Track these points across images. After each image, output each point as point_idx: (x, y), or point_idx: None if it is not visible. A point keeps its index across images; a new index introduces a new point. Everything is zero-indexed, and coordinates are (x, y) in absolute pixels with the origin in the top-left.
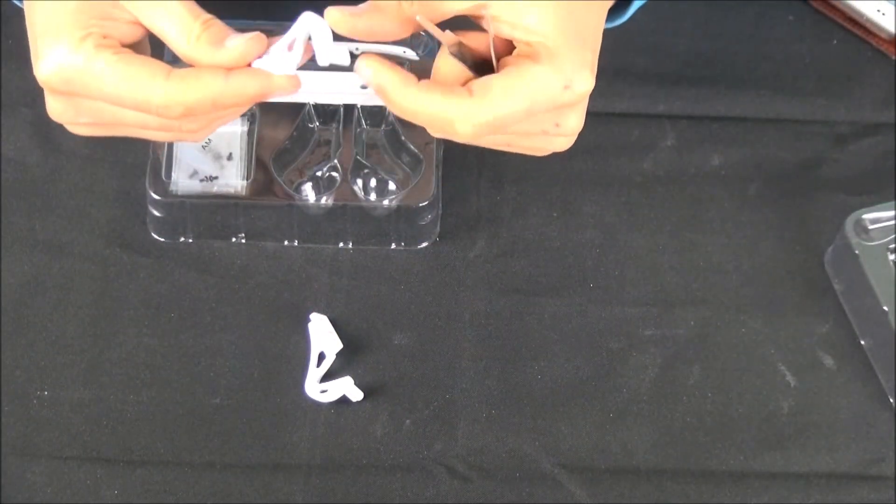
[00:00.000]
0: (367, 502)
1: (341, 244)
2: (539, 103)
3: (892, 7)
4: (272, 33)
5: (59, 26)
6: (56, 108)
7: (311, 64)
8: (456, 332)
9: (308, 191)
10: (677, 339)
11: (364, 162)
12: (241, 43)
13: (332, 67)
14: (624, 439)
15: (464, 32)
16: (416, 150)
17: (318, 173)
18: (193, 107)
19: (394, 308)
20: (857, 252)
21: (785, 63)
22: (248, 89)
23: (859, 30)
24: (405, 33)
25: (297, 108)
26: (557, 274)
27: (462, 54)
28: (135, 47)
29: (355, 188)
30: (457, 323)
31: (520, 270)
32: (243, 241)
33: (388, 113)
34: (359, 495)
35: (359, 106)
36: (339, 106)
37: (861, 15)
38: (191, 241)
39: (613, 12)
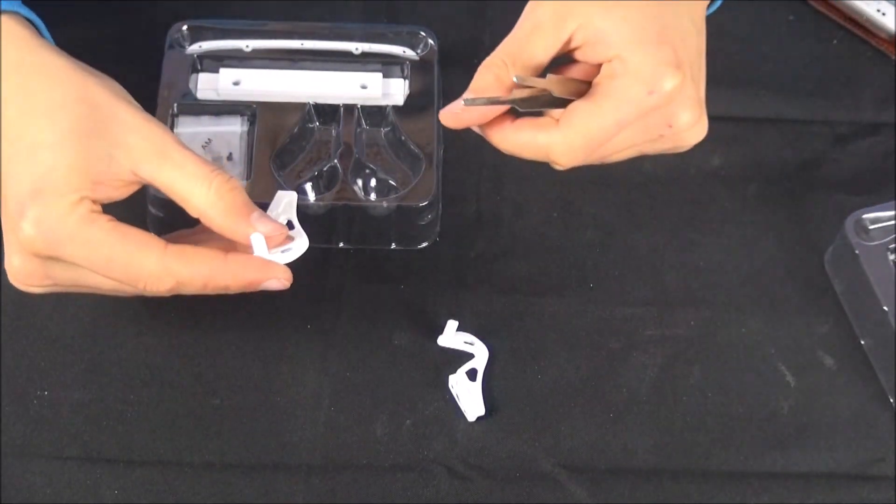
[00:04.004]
0: (367, 502)
1: (341, 244)
2: (628, 114)
3: (892, 7)
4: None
5: (51, 186)
6: (24, 269)
7: (311, 63)
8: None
9: (308, 191)
10: (677, 339)
11: (364, 162)
12: (269, 229)
13: None
14: (624, 439)
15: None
16: (417, 150)
17: (318, 173)
18: (185, 282)
19: (394, 308)
20: (857, 252)
21: (785, 63)
22: (244, 276)
23: (859, 30)
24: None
25: (297, 108)
26: (557, 274)
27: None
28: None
29: (355, 188)
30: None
31: (520, 270)
32: None
33: (389, 113)
34: (359, 495)
35: (359, 106)
36: (339, 106)
37: (861, 15)
38: None
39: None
